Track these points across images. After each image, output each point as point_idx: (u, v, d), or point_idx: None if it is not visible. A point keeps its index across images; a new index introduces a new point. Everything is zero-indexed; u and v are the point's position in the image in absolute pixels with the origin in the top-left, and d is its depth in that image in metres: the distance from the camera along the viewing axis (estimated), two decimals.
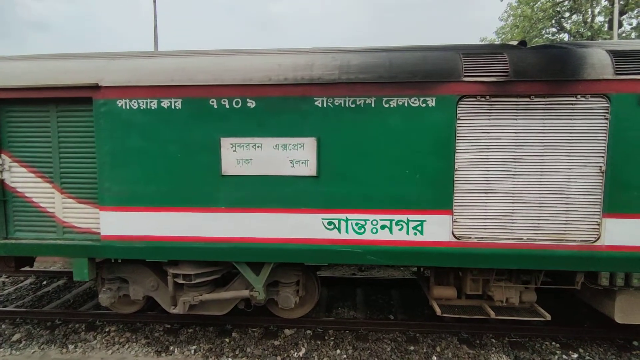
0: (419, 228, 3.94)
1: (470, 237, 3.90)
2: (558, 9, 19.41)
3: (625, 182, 3.71)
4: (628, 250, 3.76)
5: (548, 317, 4.12)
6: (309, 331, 4.88)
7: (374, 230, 3.97)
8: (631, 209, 3.73)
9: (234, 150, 3.99)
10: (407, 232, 3.95)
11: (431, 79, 3.80)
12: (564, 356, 4.33)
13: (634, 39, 16.91)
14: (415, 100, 3.83)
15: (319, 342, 4.65)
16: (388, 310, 5.53)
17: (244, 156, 4.00)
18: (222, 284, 4.66)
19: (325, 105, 3.90)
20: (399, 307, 5.61)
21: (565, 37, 19.42)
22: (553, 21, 19.91)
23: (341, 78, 3.86)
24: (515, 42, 4.42)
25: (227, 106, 3.97)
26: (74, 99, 4.12)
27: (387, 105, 3.85)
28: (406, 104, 3.84)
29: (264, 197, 4.02)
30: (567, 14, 19.96)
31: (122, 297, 4.78)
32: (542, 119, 3.76)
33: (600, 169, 3.74)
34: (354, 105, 3.88)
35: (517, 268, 4.04)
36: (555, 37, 19.67)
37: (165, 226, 4.12)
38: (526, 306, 4.39)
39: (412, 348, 4.53)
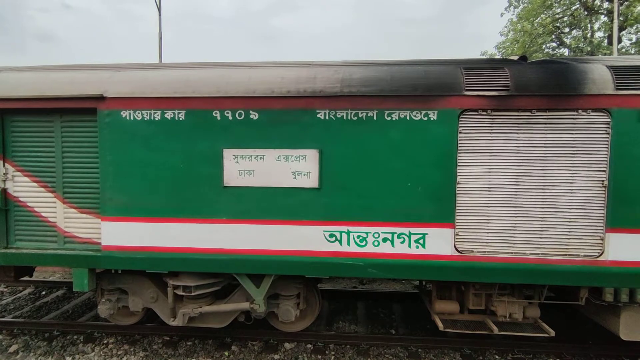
0: (421, 241, 3.92)
1: (472, 251, 3.88)
2: (558, 25, 19.65)
3: (628, 197, 3.70)
4: (632, 266, 3.72)
5: (552, 333, 4.05)
6: (309, 345, 4.81)
7: (376, 243, 3.95)
8: (635, 224, 3.71)
9: (236, 162, 4.01)
10: (409, 245, 3.93)
11: (433, 93, 3.82)
12: None
13: (633, 54, 17.07)
14: (417, 113, 3.85)
15: (319, 357, 4.58)
16: (389, 324, 5.46)
17: (246, 167, 4.01)
18: (222, 296, 4.62)
19: (327, 117, 3.92)
20: (401, 322, 5.54)
21: (565, 52, 19.62)
22: (553, 36, 20.12)
23: (343, 91, 3.89)
24: (515, 57, 4.46)
25: (230, 118, 4.00)
26: (79, 110, 4.16)
27: (389, 118, 3.88)
28: (408, 117, 3.86)
29: (265, 209, 4.02)
30: (566, 30, 20.20)
31: (121, 308, 4.74)
32: (544, 133, 3.77)
33: (602, 184, 3.73)
34: (356, 118, 3.90)
35: (520, 283, 4.00)
36: (555, 52, 19.87)
37: (167, 237, 4.11)
38: (530, 322, 4.33)
39: None
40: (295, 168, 3.97)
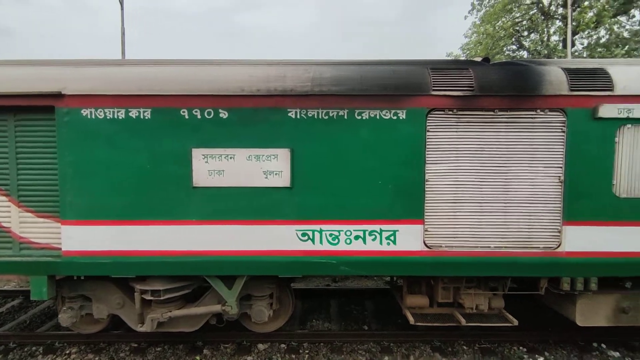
0: (392, 238, 4.00)
1: (441, 246, 4.00)
2: (517, 28, 20.59)
3: (581, 192, 3.94)
4: (586, 256, 3.97)
5: (515, 322, 4.25)
6: (283, 345, 4.80)
7: (348, 241, 3.99)
8: (587, 216, 3.96)
9: (206, 162, 3.92)
10: (380, 242, 4.00)
11: (401, 92, 3.91)
12: (530, 359, 4.48)
13: (585, 57, 18.14)
14: (386, 112, 3.92)
15: (293, 356, 4.57)
16: (362, 320, 5.54)
17: (216, 167, 3.93)
18: (193, 299, 4.52)
19: (298, 116, 3.92)
20: (373, 318, 5.63)
21: (524, 54, 20.59)
22: (513, 39, 21.08)
23: (314, 90, 3.90)
24: (479, 59, 4.64)
25: (199, 117, 3.91)
26: (35, 108, 3.92)
27: (359, 117, 3.92)
28: (378, 116, 3.92)
29: (236, 209, 3.96)
30: (525, 33, 21.21)
31: (84, 316, 4.52)
32: (506, 131, 3.95)
33: (559, 179, 3.95)
34: (327, 117, 3.92)
35: (486, 275, 4.18)
36: (515, 55, 20.80)
37: (133, 240, 3.96)
38: (495, 312, 4.51)
39: (386, 358, 4.54)
40: (266, 167, 3.93)
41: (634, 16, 18.81)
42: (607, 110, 3.92)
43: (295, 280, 6.07)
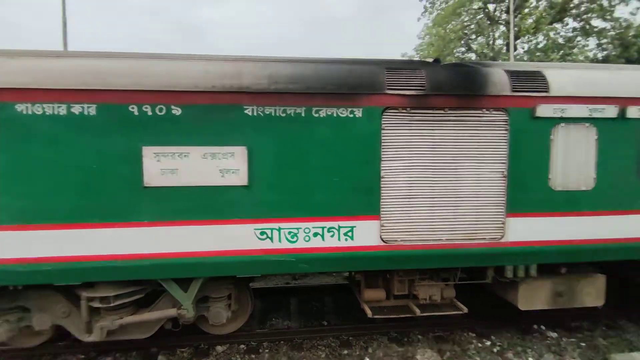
0: (350, 234, 4.07)
1: (396, 240, 4.14)
2: (466, 32, 21.68)
3: (522, 185, 4.25)
4: (525, 245, 4.29)
5: (465, 310, 4.51)
6: (242, 346, 4.74)
7: (307, 238, 4.01)
8: (527, 208, 4.28)
9: (158, 160, 3.76)
10: (339, 238, 4.06)
11: (358, 91, 3.98)
12: (479, 344, 4.78)
13: (526, 60, 19.48)
14: (343, 110, 3.98)
15: (253, 356, 4.53)
16: (322, 316, 5.60)
17: (169, 166, 3.79)
18: (146, 304, 4.32)
19: (255, 114, 3.87)
20: (332, 313, 5.71)
21: (472, 56, 21.74)
22: (462, 42, 22.20)
23: (270, 88, 3.87)
24: (431, 60, 4.84)
25: (150, 113, 3.74)
26: None
27: (316, 115, 3.95)
28: (335, 114, 3.97)
29: (191, 209, 3.84)
30: (473, 36, 22.42)
31: (24, 328, 4.17)
32: (455, 129, 4.16)
33: (503, 174, 4.23)
34: (284, 115, 3.91)
35: (438, 267, 4.39)
36: (464, 56, 21.91)
37: (79, 245, 3.71)
38: (447, 302, 4.76)
39: (345, 352, 4.63)
40: (223, 166, 3.85)
41: (567, 24, 20.51)
42: (544, 110, 4.25)
43: (255, 279, 6.01)
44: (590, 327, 5.20)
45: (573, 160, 4.37)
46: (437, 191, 4.17)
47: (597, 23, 19.62)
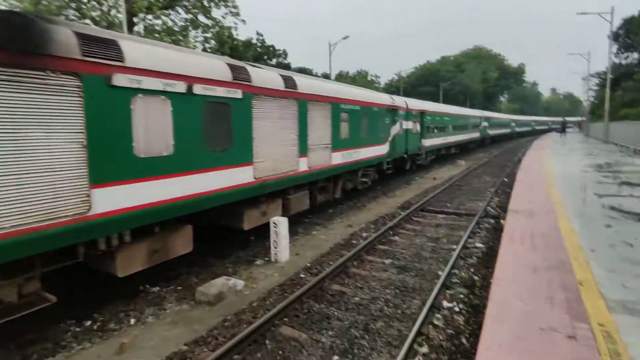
0: None
1: None
2: None
3: (105, 155, 4.18)
4: (116, 214, 4.32)
5: (54, 299, 4.00)
6: None
7: None
8: (114, 178, 4.29)
9: None
10: None
11: None
12: (77, 328, 4.38)
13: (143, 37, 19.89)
14: None
15: None
16: None
17: None
18: None
19: None
20: None
21: (89, 23, 19.63)
22: (74, 5, 19.68)
23: None
24: None
25: None
26: None
27: None
28: None
29: None
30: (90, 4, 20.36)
31: None
32: (11, 92, 3.42)
33: (82, 144, 3.97)
34: None
35: (4, 261, 3.54)
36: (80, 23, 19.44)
37: None
38: (35, 297, 4.04)
39: None
40: None
41: (179, 13, 22.60)
42: (120, 80, 4.31)
43: None
44: (187, 272, 6.01)
45: (154, 129, 4.76)
46: None
47: (203, 19, 22.88)
